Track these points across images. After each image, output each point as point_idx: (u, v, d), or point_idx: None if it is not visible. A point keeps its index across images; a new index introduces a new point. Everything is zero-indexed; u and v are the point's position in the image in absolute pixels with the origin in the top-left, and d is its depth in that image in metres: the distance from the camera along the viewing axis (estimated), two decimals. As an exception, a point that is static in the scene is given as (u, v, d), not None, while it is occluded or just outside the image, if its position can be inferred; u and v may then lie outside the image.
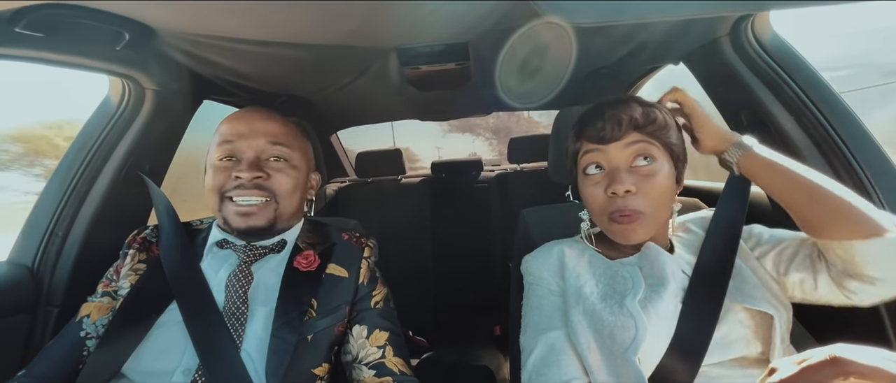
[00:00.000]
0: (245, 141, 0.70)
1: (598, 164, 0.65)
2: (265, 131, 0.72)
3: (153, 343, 0.63)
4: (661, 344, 0.57)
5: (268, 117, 0.74)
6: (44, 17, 0.61)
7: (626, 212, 0.61)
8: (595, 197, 0.65)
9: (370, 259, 0.77)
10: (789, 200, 0.58)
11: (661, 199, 0.63)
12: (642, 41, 0.96)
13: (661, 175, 0.62)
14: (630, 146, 0.62)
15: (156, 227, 0.77)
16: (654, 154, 0.63)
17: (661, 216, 0.64)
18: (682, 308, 0.59)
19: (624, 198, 0.61)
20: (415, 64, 1.00)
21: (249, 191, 0.68)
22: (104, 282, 0.73)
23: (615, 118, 0.63)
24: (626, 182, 0.60)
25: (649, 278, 0.62)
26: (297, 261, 0.72)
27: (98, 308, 0.70)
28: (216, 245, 0.73)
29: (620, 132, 0.62)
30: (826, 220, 0.54)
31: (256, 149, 0.71)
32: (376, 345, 0.70)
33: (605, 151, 0.64)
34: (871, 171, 0.71)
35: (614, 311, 0.59)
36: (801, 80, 0.78)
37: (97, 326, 0.68)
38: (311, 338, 0.66)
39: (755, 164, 0.61)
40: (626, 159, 0.63)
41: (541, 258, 0.73)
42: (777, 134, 0.80)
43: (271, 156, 0.72)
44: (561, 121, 0.92)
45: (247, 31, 0.75)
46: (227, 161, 0.70)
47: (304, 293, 0.68)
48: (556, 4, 0.53)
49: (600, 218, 0.66)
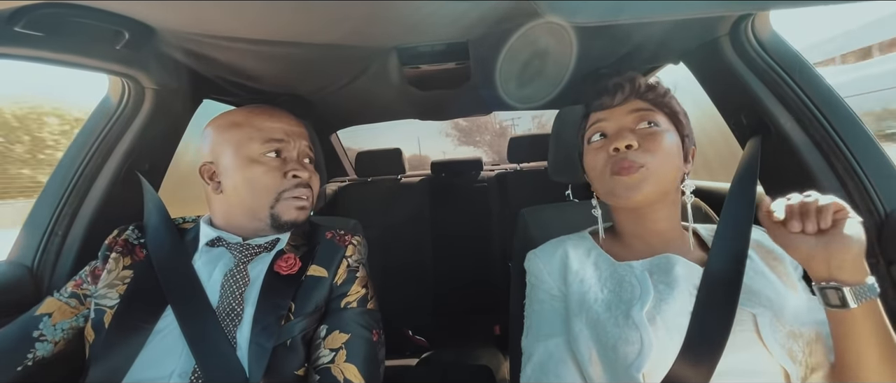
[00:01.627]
0: (292, 140, 0.75)
1: (602, 132, 0.66)
2: (301, 133, 0.77)
3: (149, 352, 0.61)
4: (668, 356, 0.53)
5: (298, 120, 0.79)
6: (43, 16, 0.61)
7: (626, 163, 0.60)
8: (597, 160, 0.64)
9: (351, 257, 0.76)
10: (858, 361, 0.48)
11: (666, 159, 0.61)
12: (642, 41, 0.96)
13: (665, 136, 0.62)
14: (634, 112, 0.64)
15: (136, 227, 0.75)
16: (659, 120, 0.63)
17: (666, 179, 0.61)
18: (692, 317, 0.55)
19: (625, 152, 0.61)
20: (415, 63, 1.00)
21: (303, 189, 0.74)
22: (75, 282, 0.71)
23: (618, 84, 0.65)
24: (628, 137, 0.61)
25: (660, 285, 0.58)
26: (278, 265, 0.70)
27: (62, 310, 0.67)
28: (208, 244, 0.72)
29: (623, 97, 0.65)
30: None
31: (299, 149, 0.76)
32: (330, 348, 0.67)
33: (609, 118, 0.65)
34: (870, 171, 0.71)
35: (619, 323, 0.55)
36: (800, 80, 0.78)
37: (56, 330, 0.66)
38: (290, 342, 0.65)
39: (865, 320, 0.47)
40: (630, 123, 0.64)
41: (544, 258, 0.70)
42: (777, 133, 0.80)
43: (307, 157, 0.78)
44: (561, 121, 0.92)
45: (247, 31, 0.75)
46: (274, 158, 0.73)
47: (281, 298, 0.67)
48: (556, 4, 0.52)
49: (602, 178, 0.64)
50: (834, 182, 0.75)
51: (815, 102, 0.76)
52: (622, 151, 0.61)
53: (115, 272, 0.68)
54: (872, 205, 0.70)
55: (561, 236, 0.75)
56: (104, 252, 0.71)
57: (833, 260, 0.47)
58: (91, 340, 0.64)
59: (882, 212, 0.69)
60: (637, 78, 0.65)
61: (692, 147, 0.69)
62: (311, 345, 0.69)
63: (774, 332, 0.53)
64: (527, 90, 1.29)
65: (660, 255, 0.62)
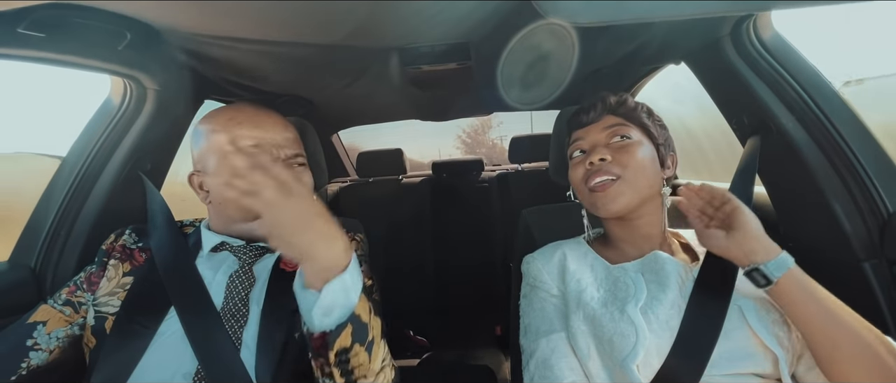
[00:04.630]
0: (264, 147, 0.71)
1: (581, 149, 0.72)
2: (278, 139, 0.73)
3: (152, 356, 0.61)
4: (662, 350, 0.56)
5: (278, 120, 0.75)
6: (46, 16, 0.61)
7: (601, 176, 0.65)
8: (577, 175, 0.70)
9: (356, 252, 0.76)
10: (815, 332, 0.52)
11: (640, 169, 0.65)
12: (643, 41, 0.95)
13: (638, 148, 0.66)
14: (607, 129, 0.69)
15: (133, 231, 0.74)
16: (631, 133, 0.68)
17: (641, 186, 0.65)
18: (685, 313, 0.58)
19: (599, 165, 0.66)
20: (416, 64, 1.00)
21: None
22: (69, 288, 0.69)
23: (591, 104, 0.72)
24: (602, 152, 0.66)
25: (651, 284, 0.62)
26: (284, 262, 0.71)
27: (57, 318, 0.66)
28: (212, 250, 0.71)
29: (596, 115, 0.71)
30: (844, 365, 0.50)
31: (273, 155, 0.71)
32: None
33: (586, 136, 0.71)
34: (873, 171, 0.71)
35: (615, 318, 0.59)
36: (802, 80, 0.78)
37: (51, 338, 0.64)
38: (299, 336, 0.65)
39: (794, 287, 0.53)
40: (603, 139, 0.69)
41: (542, 260, 0.73)
42: (778, 133, 0.80)
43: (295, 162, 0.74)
44: (561, 122, 0.92)
45: (249, 31, 0.75)
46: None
47: (288, 295, 0.65)
48: (558, 5, 0.52)
49: (582, 193, 0.70)
50: (836, 182, 0.75)
51: (817, 102, 0.76)
52: (596, 164, 0.66)
53: (115, 279, 0.67)
54: (875, 205, 0.70)
55: (557, 241, 0.78)
56: (101, 257, 0.70)
57: (744, 247, 0.55)
58: (92, 346, 0.64)
59: (884, 213, 0.69)
60: (607, 96, 0.72)
61: (671, 154, 0.73)
62: None
63: (761, 320, 0.57)
64: (528, 91, 1.29)
65: (649, 254, 0.66)
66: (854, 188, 0.73)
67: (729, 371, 0.55)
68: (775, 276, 0.53)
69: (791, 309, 0.53)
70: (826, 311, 0.51)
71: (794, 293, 0.53)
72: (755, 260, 0.54)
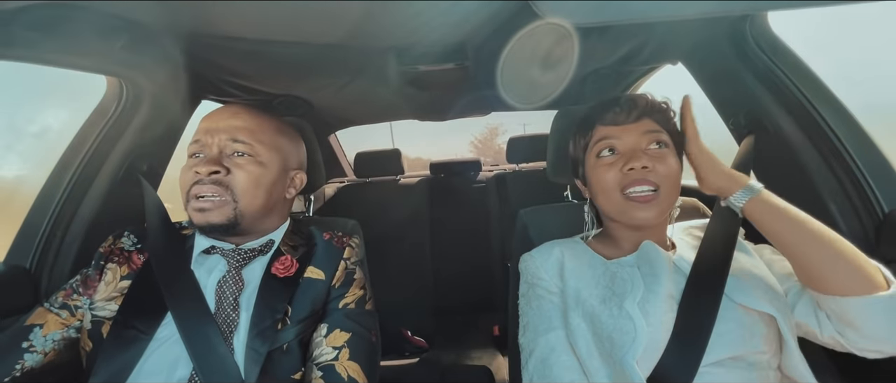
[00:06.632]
0: (210, 136, 0.68)
1: (611, 148, 0.68)
2: (229, 126, 0.69)
3: (149, 360, 0.61)
4: (660, 343, 0.57)
5: (237, 113, 0.71)
6: (41, 16, 0.60)
7: (642, 185, 0.63)
8: (608, 177, 0.66)
9: (350, 260, 0.76)
10: (792, 248, 0.56)
11: (672, 182, 0.64)
12: (642, 41, 0.96)
13: (672, 159, 0.65)
14: (646, 134, 0.66)
15: (132, 233, 0.73)
16: (666, 141, 0.66)
17: (671, 200, 0.65)
18: (680, 306, 0.59)
19: (641, 172, 0.63)
20: (414, 64, 0.99)
21: (206, 186, 0.65)
22: (65, 291, 0.68)
23: (631, 102, 0.68)
24: (642, 158, 0.63)
25: (647, 277, 0.62)
26: (275, 268, 0.70)
27: (52, 321, 0.65)
28: (203, 252, 0.71)
29: (635, 116, 0.67)
30: (825, 272, 0.53)
31: (219, 144, 0.68)
32: (332, 346, 0.67)
33: (621, 135, 0.67)
34: (869, 171, 0.71)
35: (614, 314, 0.59)
36: (799, 80, 0.78)
37: (47, 341, 0.64)
38: (287, 347, 0.65)
39: (762, 209, 0.58)
40: (641, 143, 0.66)
41: (539, 259, 0.73)
42: (775, 133, 0.80)
43: (234, 151, 0.69)
44: (560, 121, 0.92)
45: (246, 31, 0.74)
46: (194, 158, 0.68)
47: (278, 301, 0.66)
48: (556, 5, 0.52)
49: (612, 195, 0.66)
50: (832, 182, 0.75)
51: (813, 103, 0.76)
52: (637, 171, 0.63)
53: (112, 283, 0.67)
54: (871, 205, 0.71)
55: (553, 240, 0.77)
56: (98, 260, 0.69)
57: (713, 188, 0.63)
58: (89, 349, 0.64)
59: (880, 212, 0.70)
60: (646, 99, 0.68)
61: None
62: (311, 344, 0.68)
63: (747, 294, 0.59)
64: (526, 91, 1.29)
65: (642, 244, 0.67)
66: (850, 187, 0.73)
67: (714, 358, 0.56)
68: (738, 206, 0.60)
69: (764, 228, 0.58)
70: (797, 224, 0.55)
71: (763, 213, 0.58)
72: (727, 193, 0.61)
